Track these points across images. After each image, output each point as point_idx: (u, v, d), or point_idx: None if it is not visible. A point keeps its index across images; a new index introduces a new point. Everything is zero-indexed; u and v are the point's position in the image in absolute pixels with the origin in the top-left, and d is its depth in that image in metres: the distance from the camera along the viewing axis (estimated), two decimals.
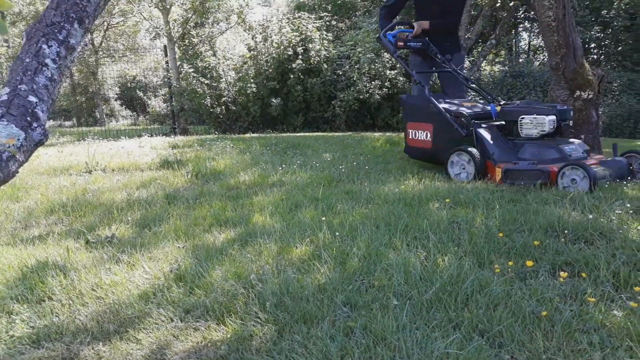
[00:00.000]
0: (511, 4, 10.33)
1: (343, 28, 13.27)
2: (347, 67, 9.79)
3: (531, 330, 1.55)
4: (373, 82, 9.51)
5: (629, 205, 2.79)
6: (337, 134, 8.40)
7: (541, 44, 17.71)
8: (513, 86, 14.64)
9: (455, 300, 1.75)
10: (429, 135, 4.27)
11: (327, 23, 10.93)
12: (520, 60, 19.52)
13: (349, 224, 2.66)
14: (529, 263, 2.01)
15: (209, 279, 2.06)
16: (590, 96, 4.92)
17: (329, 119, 9.98)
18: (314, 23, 10.11)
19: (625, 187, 3.29)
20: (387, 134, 8.54)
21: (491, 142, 3.88)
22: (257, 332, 1.67)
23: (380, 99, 9.59)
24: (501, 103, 4.19)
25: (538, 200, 3.11)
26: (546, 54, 5.62)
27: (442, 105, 4.18)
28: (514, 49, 21.32)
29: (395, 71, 9.68)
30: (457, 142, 3.97)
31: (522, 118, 3.83)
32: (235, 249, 2.39)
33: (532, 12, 14.20)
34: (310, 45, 9.73)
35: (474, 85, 5.05)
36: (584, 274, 1.94)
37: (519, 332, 1.54)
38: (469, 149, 3.81)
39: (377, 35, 4.73)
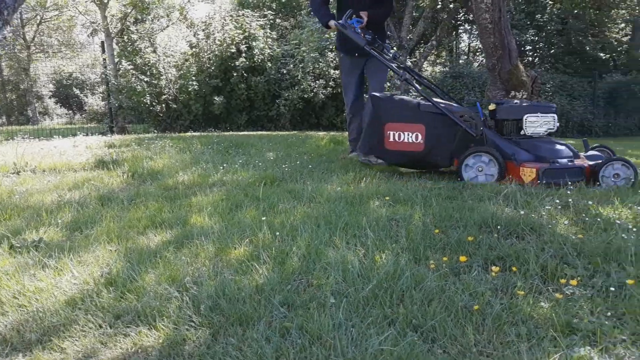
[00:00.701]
0: (451, 6, 10.62)
1: (288, 27, 13.26)
2: (292, 66, 9.78)
3: (463, 324, 1.58)
4: (317, 82, 9.55)
5: (557, 201, 2.92)
6: (281, 132, 8.37)
7: (479, 45, 18.35)
8: (453, 86, 15.08)
9: (391, 296, 1.76)
10: (419, 137, 3.84)
11: (271, 21, 10.88)
12: (461, 61, 20.12)
13: (290, 224, 2.64)
14: (463, 258, 2.06)
15: (141, 282, 1.99)
16: (524, 96, 5.13)
17: (274, 118, 9.95)
18: (258, 21, 10.04)
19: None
20: (332, 133, 8.60)
21: (503, 142, 3.78)
22: (191, 336, 1.62)
23: (324, 99, 9.64)
24: (498, 102, 4.10)
25: (473, 197, 3.19)
26: (484, 56, 5.76)
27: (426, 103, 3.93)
28: (454, 50, 21.96)
29: (339, 71, 9.76)
30: (463, 144, 3.79)
31: (528, 116, 3.79)
32: (170, 252, 2.31)
33: (471, 15, 14.66)
34: (253, 44, 9.65)
35: (425, 83, 4.97)
36: (514, 268, 2.00)
37: (451, 326, 1.57)
38: (490, 150, 3.66)
39: (339, 23, 4.23)
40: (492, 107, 3.95)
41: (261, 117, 10.05)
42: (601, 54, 17.85)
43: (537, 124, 3.78)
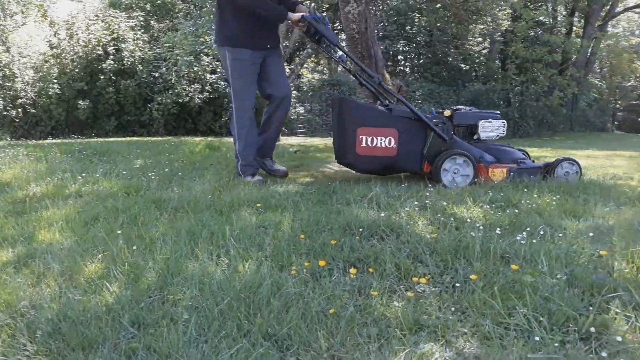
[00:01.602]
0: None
1: (164, 29, 12.76)
2: (165, 69, 9.42)
3: (317, 329, 1.59)
4: (193, 86, 9.30)
5: (416, 202, 3.08)
6: (154, 138, 8.00)
7: None
8: (331, 94, 15.54)
9: (249, 307, 1.72)
10: (392, 141, 3.86)
11: (142, 23, 10.39)
12: (339, 70, 20.78)
13: (150, 236, 2.50)
14: (322, 263, 2.08)
15: None
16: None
17: (146, 123, 9.51)
18: (127, 22, 9.53)
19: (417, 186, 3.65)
20: (209, 138, 8.40)
21: (470, 146, 3.98)
22: None
23: (201, 103, 9.41)
24: (453, 108, 4.21)
25: (342, 201, 3.26)
26: None
27: (398, 108, 3.99)
28: (333, 59, 22.57)
29: (217, 75, 9.58)
30: (434, 148, 3.90)
31: (483, 122, 4.03)
32: (8, 273, 2.07)
33: None
34: (122, 45, 9.15)
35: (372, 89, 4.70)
36: (371, 269, 2.06)
37: (305, 332, 1.56)
38: (466, 153, 3.83)
39: (311, 17, 3.87)
40: (447, 113, 4.11)
41: (132, 123, 9.56)
42: (462, 65, 19.47)
43: (490, 129, 4.07)
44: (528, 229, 2.55)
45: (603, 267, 2.07)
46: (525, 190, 3.53)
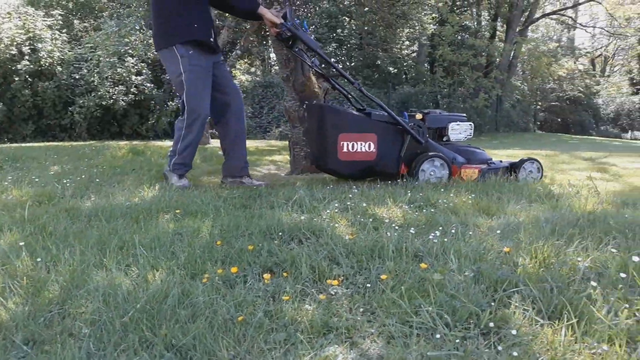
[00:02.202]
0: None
1: (87, 28, 12.23)
2: (86, 70, 9.01)
3: (223, 338, 1.56)
4: (117, 88, 8.95)
5: (337, 204, 3.10)
6: (75, 143, 7.64)
7: None
8: (264, 96, 15.46)
9: (154, 317, 1.67)
10: (372, 146, 4.01)
11: (61, 22, 9.89)
12: (272, 71, 20.70)
13: (55, 246, 2.37)
14: (234, 269, 2.05)
15: None
16: None
17: (68, 127, 9.05)
18: (45, 20, 9.04)
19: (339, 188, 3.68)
20: (134, 142, 8.13)
21: (444, 148, 4.20)
22: None
23: (126, 106, 9.08)
24: (424, 111, 4.36)
25: (265, 204, 3.24)
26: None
27: (377, 112, 4.16)
28: (265, 60, 22.50)
29: (142, 77, 9.28)
30: (410, 151, 4.09)
31: (452, 125, 4.23)
32: None
33: None
34: (40, 45, 8.66)
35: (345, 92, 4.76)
36: (285, 274, 2.05)
37: (211, 341, 1.53)
38: (440, 155, 4.05)
39: (289, 24, 3.87)
40: (419, 116, 4.28)
41: (52, 127, 9.08)
42: (392, 68, 19.93)
43: (458, 131, 4.30)
44: (441, 227, 2.62)
45: (508, 262, 2.16)
46: (442, 190, 3.65)
